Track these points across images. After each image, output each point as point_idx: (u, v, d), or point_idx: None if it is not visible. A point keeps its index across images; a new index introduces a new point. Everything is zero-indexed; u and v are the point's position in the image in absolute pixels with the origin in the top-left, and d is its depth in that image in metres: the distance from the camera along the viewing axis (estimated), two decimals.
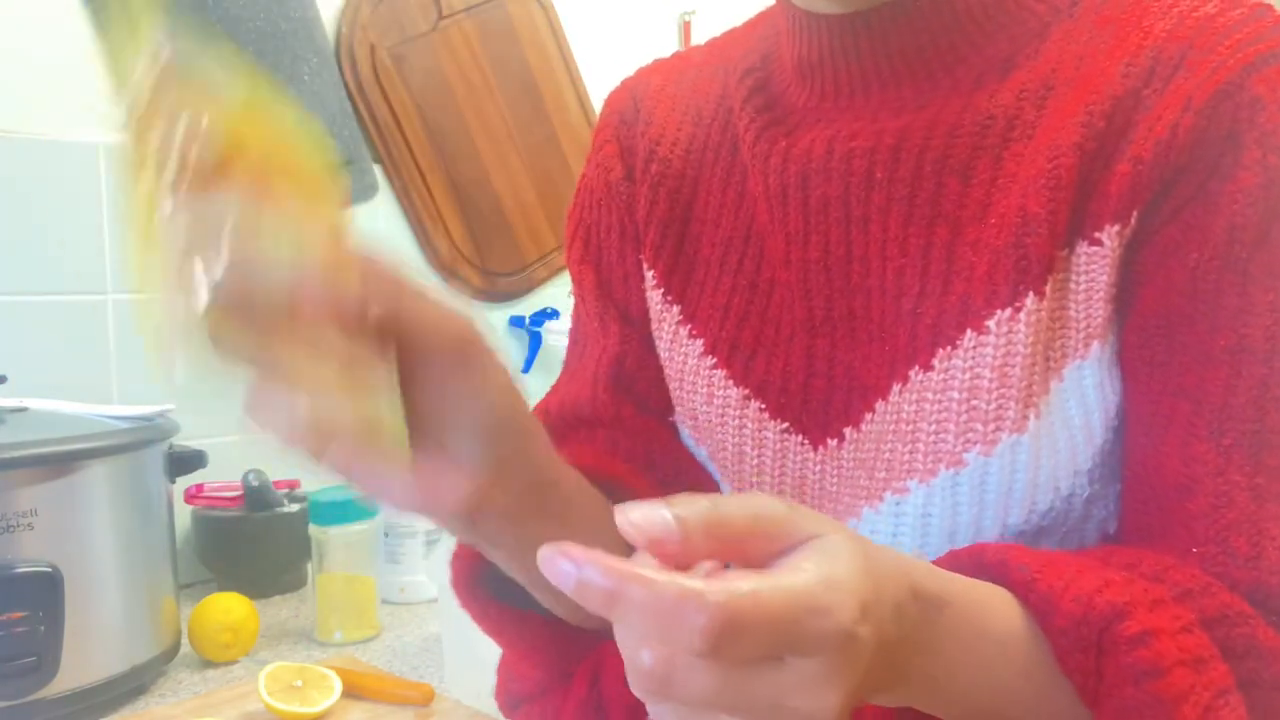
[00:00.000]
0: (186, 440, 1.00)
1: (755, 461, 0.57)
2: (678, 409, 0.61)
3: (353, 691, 0.84)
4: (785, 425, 0.56)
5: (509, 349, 1.59)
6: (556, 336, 1.58)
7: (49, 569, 0.79)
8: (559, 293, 1.65)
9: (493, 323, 1.57)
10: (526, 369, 1.59)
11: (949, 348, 0.50)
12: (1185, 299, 0.47)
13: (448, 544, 0.76)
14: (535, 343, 1.59)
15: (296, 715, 0.78)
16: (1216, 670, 0.41)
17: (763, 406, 0.57)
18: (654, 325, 0.61)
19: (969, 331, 0.50)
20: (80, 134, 1.16)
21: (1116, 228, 0.48)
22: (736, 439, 0.58)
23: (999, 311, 0.49)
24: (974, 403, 0.49)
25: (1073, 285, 0.49)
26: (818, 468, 0.55)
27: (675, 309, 0.60)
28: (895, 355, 0.52)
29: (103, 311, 1.18)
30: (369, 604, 1.02)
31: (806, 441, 0.56)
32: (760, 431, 0.57)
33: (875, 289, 0.53)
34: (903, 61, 0.54)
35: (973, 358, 0.49)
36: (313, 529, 1.01)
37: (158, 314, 0.36)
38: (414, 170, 1.45)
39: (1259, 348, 0.46)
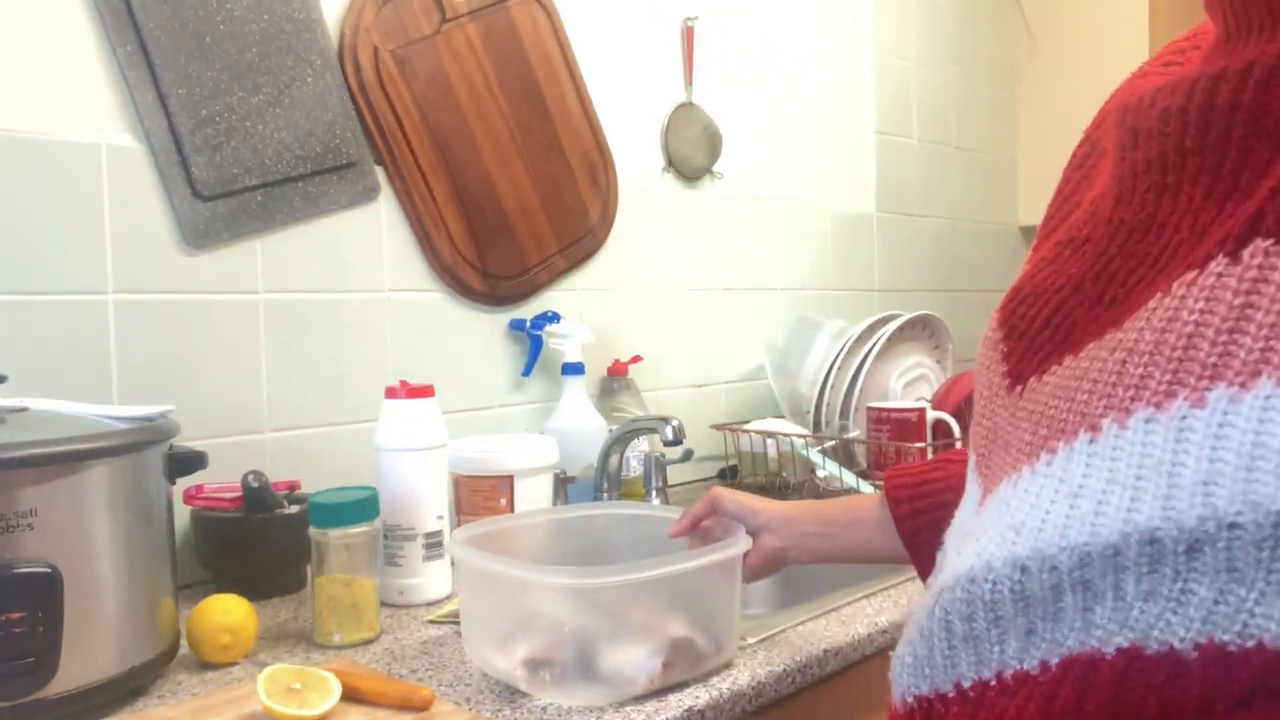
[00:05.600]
0: (187, 441, 1.00)
1: (979, 400, 0.56)
2: None
3: (352, 694, 0.84)
4: (1005, 369, 0.54)
5: (510, 351, 1.59)
6: (557, 340, 1.58)
7: (48, 569, 0.79)
8: (560, 296, 1.65)
9: (494, 325, 1.57)
10: (527, 372, 1.59)
11: (1149, 303, 0.44)
12: None
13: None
14: (536, 346, 1.58)
15: (295, 718, 0.78)
16: None
17: (1006, 351, 0.54)
18: None
19: (1158, 293, 0.43)
20: (80, 134, 1.16)
21: None
22: (980, 374, 0.57)
23: (1190, 273, 0.42)
24: (1128, 362, 0.43)
25: None
26: (1006, 410, 0.52)
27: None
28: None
29: (103, 311, 1.18)
30: (368, 607, 1.01)
31: (1008, 381, 0.53)
32: (988, 371, 0.56)
33: (1161, 258, 0.47)
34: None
35: (1147, 317, 0.43)
36: (312, 531, 1.01)
37: None
38: (416, 172, 1.45)
39: None
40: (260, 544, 1.16)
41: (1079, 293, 0.51)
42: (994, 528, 0.47)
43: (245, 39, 1.29)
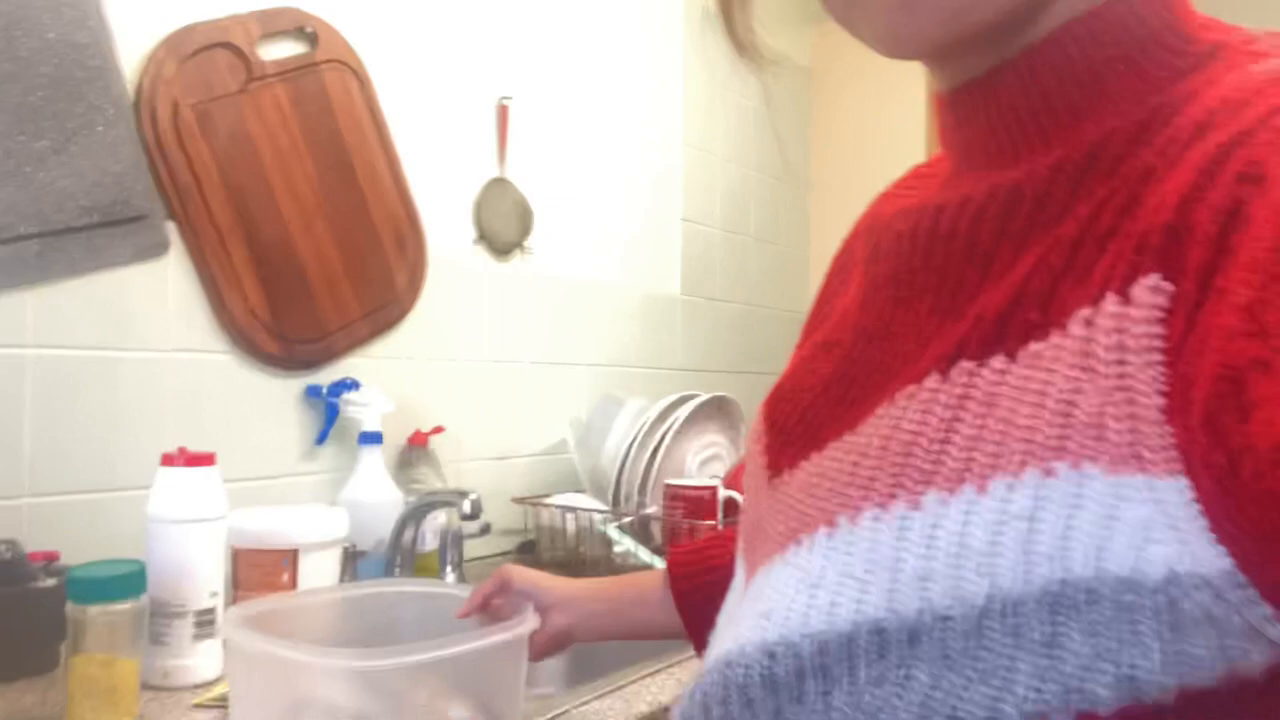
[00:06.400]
0: None
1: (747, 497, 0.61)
2: None
3: None
4: (766, 461, 0.58)
5: (304, 418, 1.54)
6: (355, 408, 1.54)
7: None
8: (360, 363, 1.62)
9: (288, 391, 1.52)
10: (321, 440, 1.55)
11: (878, 409, 0.48)
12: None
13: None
14: (332, 413, 1.54)
15: None
16: None
17: (767, 443, 0.59)
18: None
19: (886, 401, 0.48)
20: None
21: (1085, 312, 0.40)
22: (748, 464, 0.62)
23: (910, 386, 0.46)
24: (863, 462, 0.47)
25: (1015, 384, 0.42)
26: (767, 499, 0.56)
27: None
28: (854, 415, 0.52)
29: None
30: (127, 689, 0.95)
31: (768, 473, 0.57)
32: (753, 461, 0.61)
33: (892, 366, 0.52)
34: (981, 138, 0.51)
35: (876, 423, 0.47)
36: (70, 607, 0.94)
37: None
38: (211, 230, 1.40)
39: None
40: (11, 620, 1.06)
41: (826, 393, 0.56)
42: (750, 614, 0.50)
43: (31, 81, 1.22)
